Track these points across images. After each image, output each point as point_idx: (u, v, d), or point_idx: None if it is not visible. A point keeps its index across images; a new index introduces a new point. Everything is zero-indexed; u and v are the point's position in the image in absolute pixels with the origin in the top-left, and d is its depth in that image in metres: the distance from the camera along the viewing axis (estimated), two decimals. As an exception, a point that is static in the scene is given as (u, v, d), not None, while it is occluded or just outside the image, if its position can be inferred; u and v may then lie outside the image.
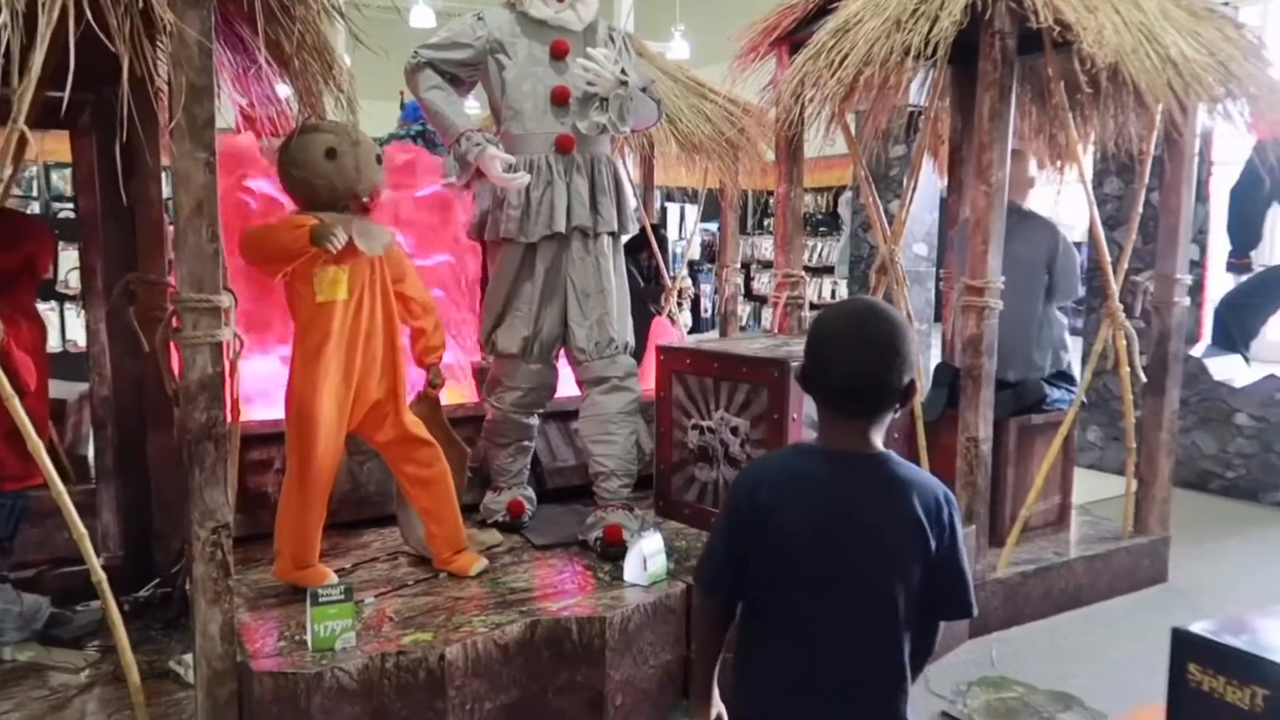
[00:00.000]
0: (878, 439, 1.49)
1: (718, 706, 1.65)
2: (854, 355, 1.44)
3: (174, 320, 2.07)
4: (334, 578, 2.59)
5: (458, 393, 3.78)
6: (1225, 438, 5.10)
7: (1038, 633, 3.38)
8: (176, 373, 2.13)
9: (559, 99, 2.95)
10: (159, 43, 1.99)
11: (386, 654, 2.27)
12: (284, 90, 2.75)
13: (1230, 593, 3.75)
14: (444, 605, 2.59)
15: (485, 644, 2.40)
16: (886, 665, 1.47)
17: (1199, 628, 1.36)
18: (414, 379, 2.92)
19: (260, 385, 3.31)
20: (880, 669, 1.47)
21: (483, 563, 2.82)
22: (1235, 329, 5.57)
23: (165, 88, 2.16)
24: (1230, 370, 5.24)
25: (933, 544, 1.44)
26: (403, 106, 5.21)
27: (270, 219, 2.64)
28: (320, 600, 2.27)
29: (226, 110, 2.94)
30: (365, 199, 2.49)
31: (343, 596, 2.29)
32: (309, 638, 2.28)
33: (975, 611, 1.50)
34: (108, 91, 1.92)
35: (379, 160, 2.56)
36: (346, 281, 2.51)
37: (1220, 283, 5.95)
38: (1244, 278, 5.68)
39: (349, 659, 2.24)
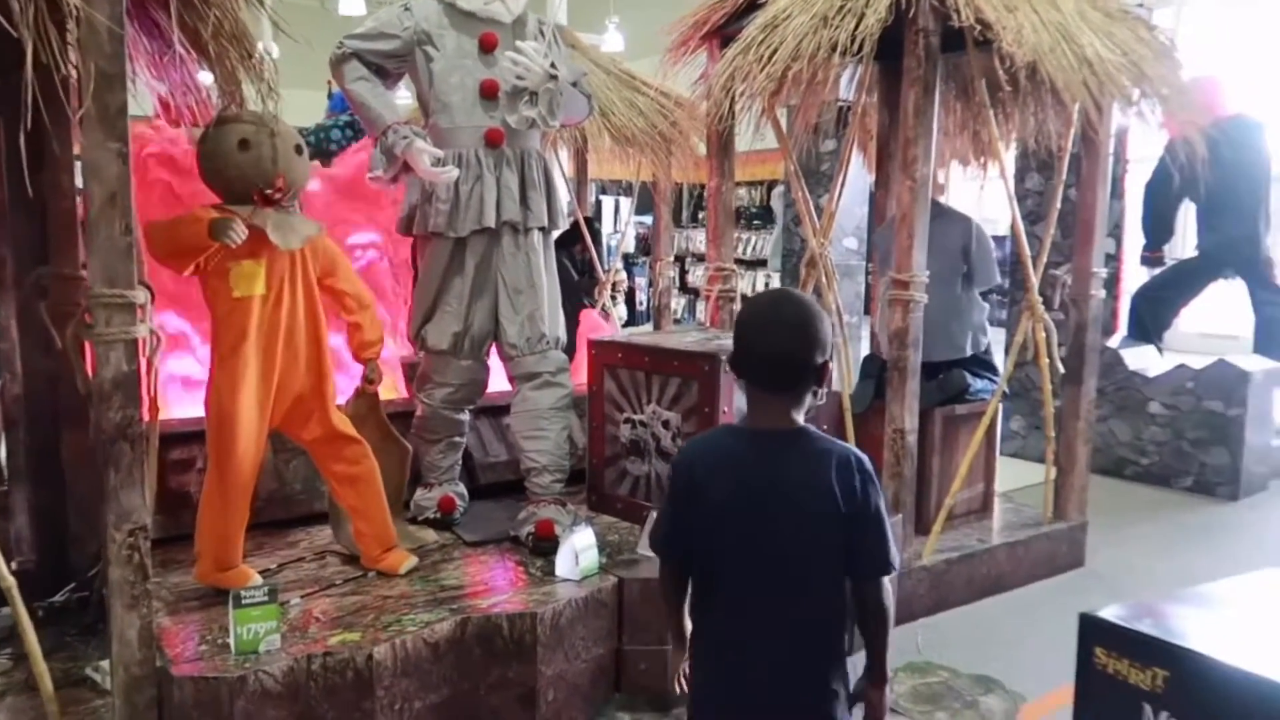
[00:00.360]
0: (798, 416, 1.60)
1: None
2: (770, 335, 1.58)
3: (86, 316, 2.00)
4: (258, 579, 2.54)
5: (388, 388, 3.72)
6: (1139, 426, 5.29)
7: (962, 618, 3.47)
8: (90, 370, 2.06)
9: (488, 92, 2.92)
10: (67, 28, 1.92)
11: (313, 655, 2.24)
12: (207, 78, 2.68)
13: (1143, 576, 3.89)
14: (373, 604, 2.55)
15: (415, 643, 2.37)
16: (816, 631, 1.58)
17: (1106, 613, 1.41)
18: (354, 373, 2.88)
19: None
20: (809, 635, 1.58)
21: (413, 560, 2.79)
22: (1149, 320, 5.78)
23: (75, 74, 2.08)
24: (1144, 360, 5.43)
25: (843, 506, 1.54)
26: (330, 96, 5.11)
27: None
28: (243, 602, 2.22)
29: (145, 98, 2.87)
30: (269, 192, 2.43)
31: (266, 598, 2.25)
32: (232, 641, 2.23)
33: (894, 568, 1.59)
34: (13, 79, 1.85)
35: (300, 151, 2.50)
36: (264, 276, 2.45)
37: (1135, 276, 6.17)
38: (1157, 271, 5.89)
39: (273, 661, 2.20)
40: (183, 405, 3.26)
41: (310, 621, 2.44)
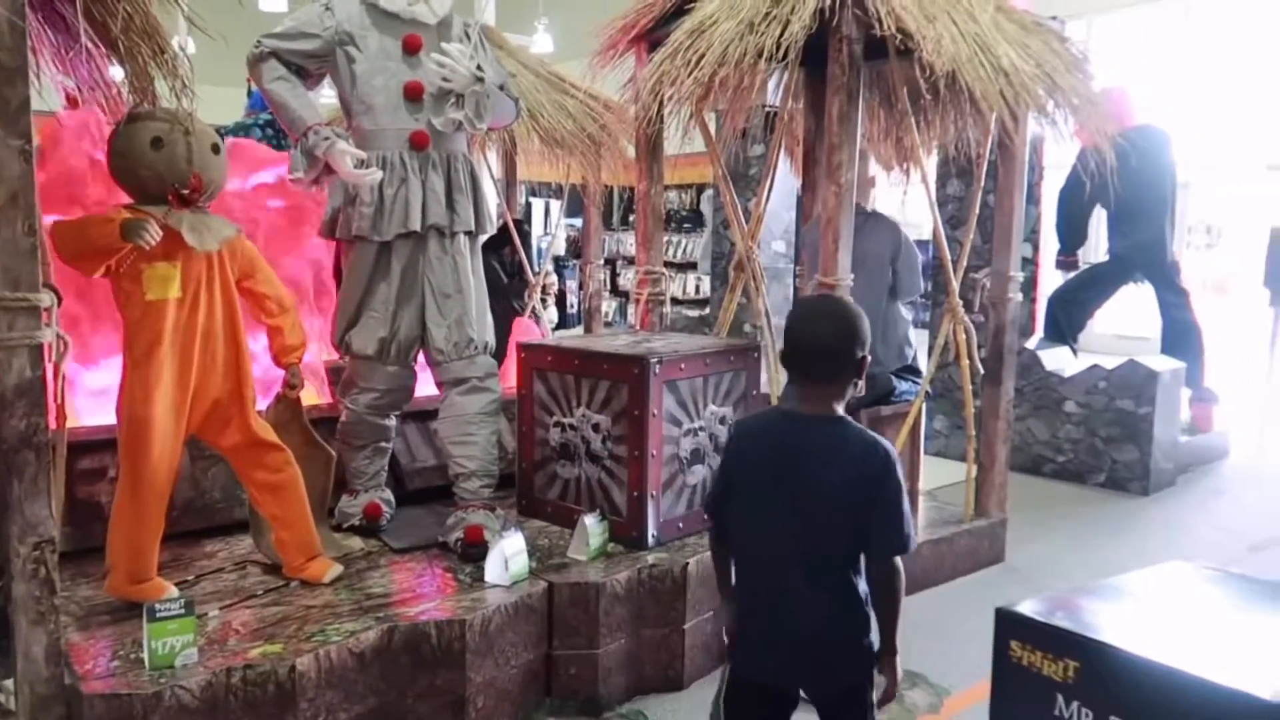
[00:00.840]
0: (838, 406, 1.79)
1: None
2: (814, 329, 1.80)
3: (-13, 320, 1.91)
4: (174, 591, 2.46)
5: (310, 393, 3.64)
6: (1056, 424, 5.46)
7: (888, 615, 3.53)
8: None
9: (412, 94, 2.89)
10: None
11: (232, 668, 2.17)
12: (120, 74, 2.59)
13: (1060, 570, 4.02)
14: (295, 615, 2.49)
15: (339, 653, 2.32)
16: (833, 598, 1.75)
17: (1021, 607, 1.45)
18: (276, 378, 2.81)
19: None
20: (827, 600, 1.75)
21: (337, 569, 2.73)
22: (1064, 322, 5.99)
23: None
24: (1060, 361, 5.61)
25: (862, 490, 1.71)
26: (250, 94, 4.98)
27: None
28: (157, 615, 2.15)
29: (51, 93, 2.75)
30: (184, 191, 2.36)
31: (182, 610, 2.18)
32: (146, 656, 2.16)
33: (906, 549, 1.73)
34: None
35: (216, 150, 2.44)
36: (179, 279, 2.38)
37: (1051, 280, 6.37)
38: (1071, 275, 6.10)
39: (190, 676, 2.13)
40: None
41: (230, 634, 2.37)
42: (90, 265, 2.31)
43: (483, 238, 3.16)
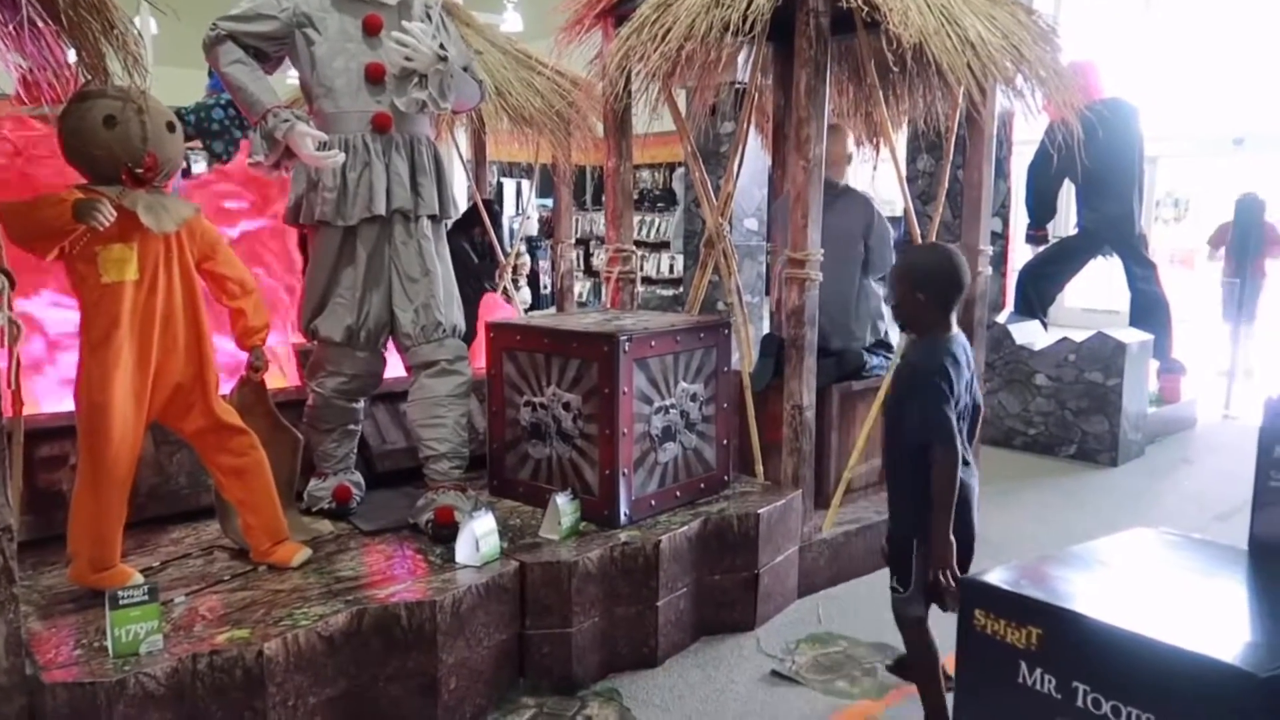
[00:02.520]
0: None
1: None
2: (963, 270, 2.41)
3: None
4: (138, 577, 2.42)
5: (276, 377, 3.59)
6: (1026, 397, 5.51)
7: (861, 588, 3.55)
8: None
9: (374, 76, 2.84)
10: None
11: (198, 655, 2.15)
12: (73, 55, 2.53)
13: (1031, 540, 4.06)
14: (263, 600, 2.47)
15: (308, 637, 2.30)
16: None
17: (988, 576, 1.45)
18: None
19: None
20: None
21: (305, 553, 2.70)
22: (1034, 296, 6.03)
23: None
24: (1030, 334, 5.66)
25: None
26: (211, 75, 4.88)
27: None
28: (120, 602, 2.12)
29: (5, 78, 2.68)
30: (138, 171, 2.30)
31: (146, 597, 2.15)
32: (109, 643, 2.13)
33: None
34: None
35: (172, 129, 2.38)
36: (135, 260, 2.33)
37: (1021, 254, 6.41)
38: (1041, 248, 6.14)
39: (155, 663, 2.10)
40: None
41: (196, 620, 2.34)
42: (42, 247, 2.26)
43: (447, 222, 3.13)
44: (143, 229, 2.30)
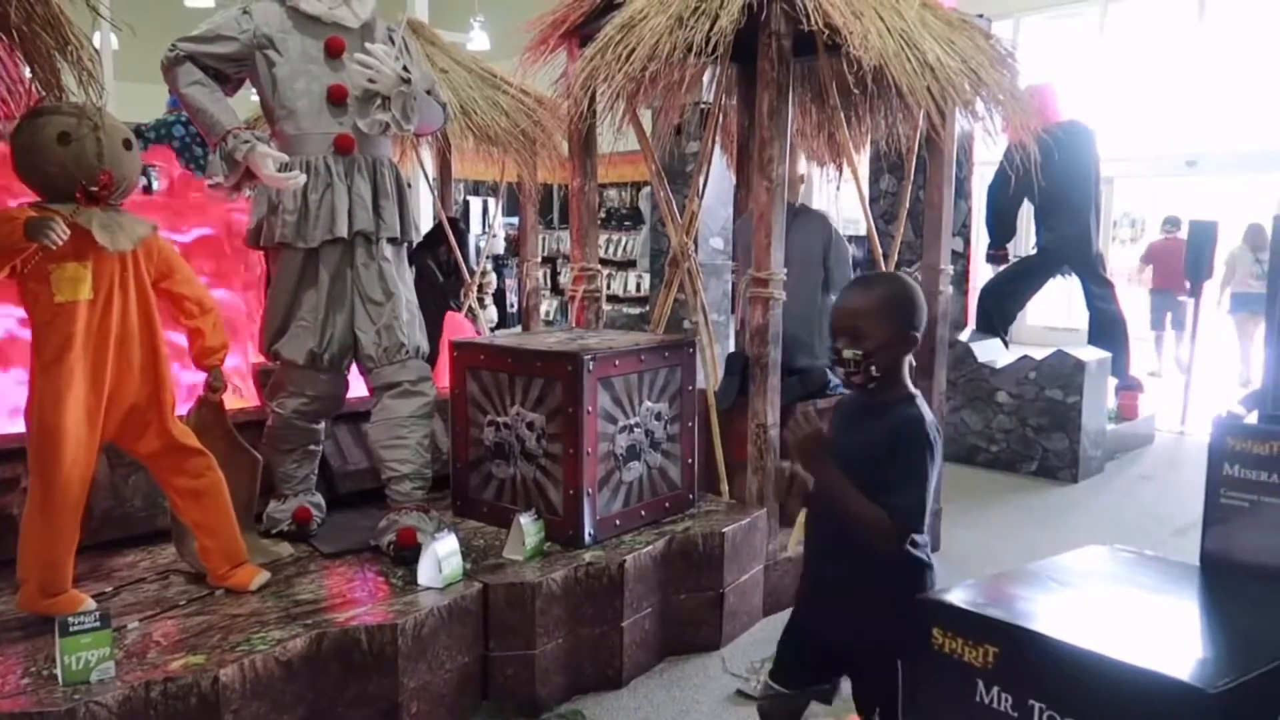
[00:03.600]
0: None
1: None
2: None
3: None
4: (90, 603, 2.36)
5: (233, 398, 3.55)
6: (989, 415, 5.57)
7: (825, 606, 3.55)
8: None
9: (336, 98, 2.83)
10: None
11: (152, 682, 2.10)
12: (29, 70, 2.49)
13: (993, 557, 4.09)
14: (220, 624, 2.42)
15: (265, 662, 2.26)
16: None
17: (945, 594, 1.46)
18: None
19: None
20: None
21: (263, 576, 2.66)
22: (995, 314, 6.12)
23: None
24: (992, 352, 5.73)
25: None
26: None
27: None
28: (71, 629, 2.07)
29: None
30: (93, 189, 2.27)
31: (98, 624, 2.10)
32: (59, 671, 2.07)
33: None
34: None
35: (129, 146, 2.35)
36: (90, 279, 2.29)
37: (982, 273, 6.50)
38: (1002, 268, 6.23)
39: (106, 691, 2.05)
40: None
41: (150, 646, 2.29)
42: (-8, 265, 2.22)
43: (405, 247, 3.11)
44: (98, 247, 2.27)
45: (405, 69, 2.85)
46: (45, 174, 2.27)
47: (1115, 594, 1.58)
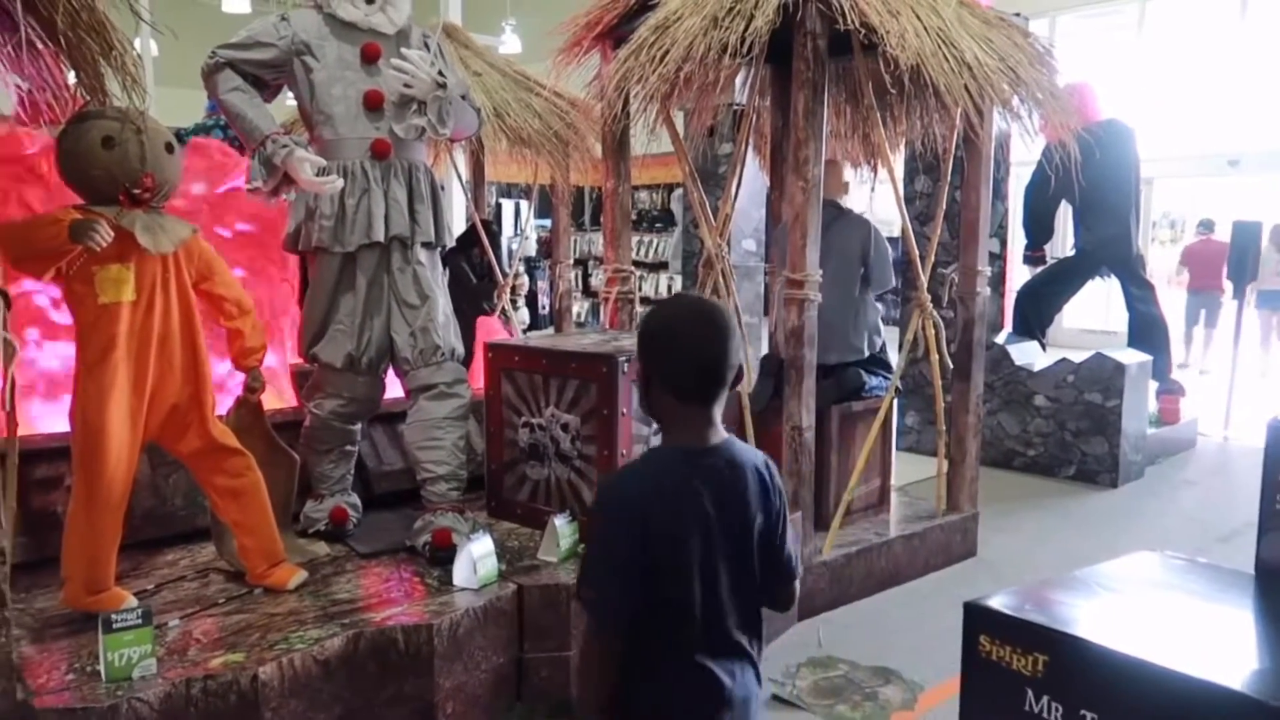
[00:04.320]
0: (720, 424, 1.53)
1: None
2: (708, 342, 1.47)
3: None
4: (132, 601, 2.39)
5: (273, 397, 3.58)
6: (1026, 418, 5.50)
7: (861, 611, 3.53)
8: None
9: (372, 103, 2.85)
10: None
11: (192, 679, 2.12)
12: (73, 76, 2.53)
13: (1031, 562, 4.04)
14: (258, 623, 2.44)
15: (304, 661, 2.28)
16: (756, 629, 1.53)
17: (991, 601, 1.43)
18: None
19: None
20: (752, 645, 1.52)
21: (301, 575, 2.68)
22: (1032, 317, 6.03)
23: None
24: (1029, 355, 5.65)
25: (767, 515, 1.51)
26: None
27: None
28: (114, 626, 2.09)
29: (4, 98, 2.69)
30: (135, 191, 2.30)
31: (140, 621, 2.12)
32: (102, 668, 2.10)
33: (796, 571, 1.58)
34: None
35: (170, 150, 2.38)
36: (133, 281, 2.32)
37: (1019, 274, 6.42)
38: (1039, 269, 6.14)
39: (148, 688, 2.08)
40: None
41: (190, 643, 2.32)
42: (38, 267, 2.25)
43: (439, 251, 3.13)
44: (140, 249, 2.30)
45: (441, 74, 2.86)
46: (89, 177, 2.30)
47: (1168, 602, 1.54)
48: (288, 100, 3.34)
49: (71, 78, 2.55)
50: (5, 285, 2.24)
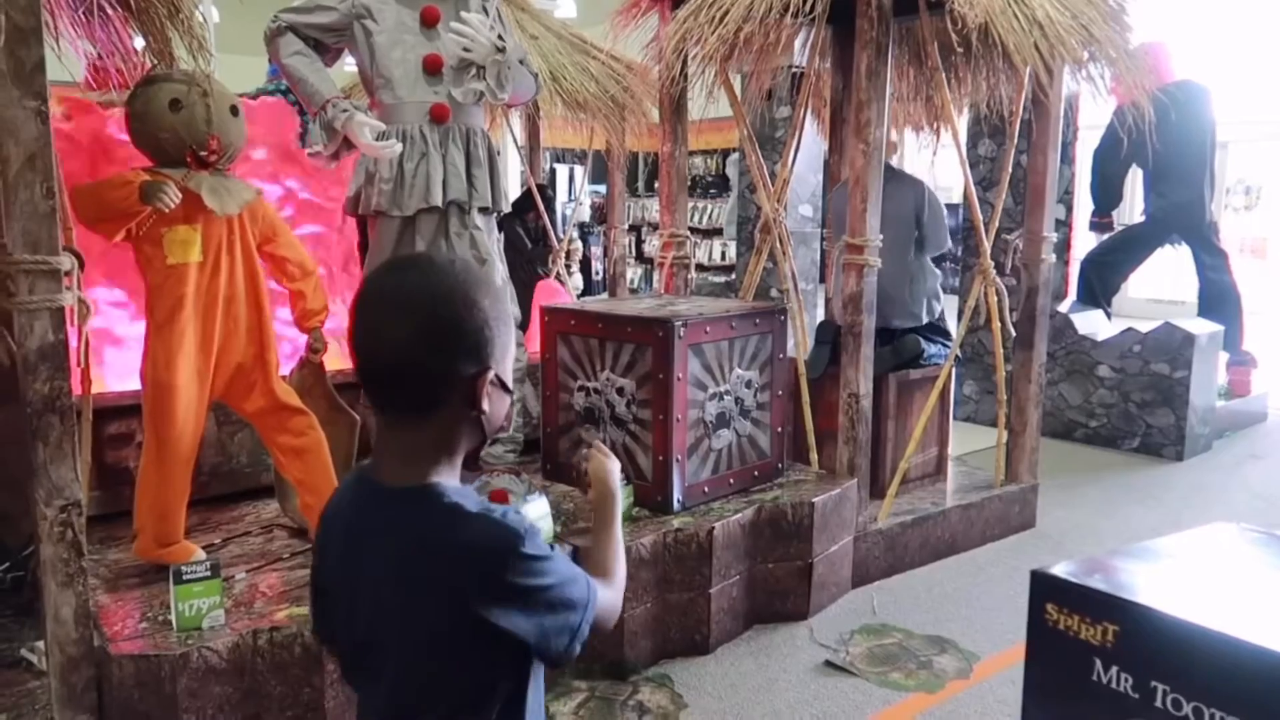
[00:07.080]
0: (434, 462, 1.07)
1: None
2: (378, 328, 1.04)
3: (9, 284, 1.91)
4: (201, 554, 2.47)
5: (337, 359, 3.63)
6: (1088, 389, 5.37)
7: (916, 580, 3.50)
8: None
9: (431, 67, 2.85)
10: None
11: (259, 631, 2.18)
12: (141, 43, 2.58)
13: (1092, 535, 3.96)
14: (321, 578, 2.50)
15: (365, 616, 2.32)
16: None
17: (1057, 569, 1.41)
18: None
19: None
20: None
21: (362, 533, 2.73)
22: (1098, 285, 5.86)
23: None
24: (1093, 324, 5.50)
25: (461, 610, 1.03)
26: (272, 62, 4.95)
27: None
28: (184, 578, 2.16)
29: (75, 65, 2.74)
30: (202, 153, 2.33)
31: (209, 573, 2.19)
32: (173, 617, 2.17)
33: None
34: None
35: (235, 113, 2.41)
36: (199, 242, 2.37)
37: (1085, 241, 6.24)
38: (1106, 236, 5.96)
39: (217, 637, 2.14)
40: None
41: (256, 596, 2.38)
42: (110, 228, 2.31)
43: (495, 216, 3.13)
44: (206, 211, 2.34)
45: (500, 38, 2.85)
46: (157, 139, 2.34)
47: (1244, 574, 1.50)
48: (347, 65, 3.36)
49: (139, 42, 2.59)
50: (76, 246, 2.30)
